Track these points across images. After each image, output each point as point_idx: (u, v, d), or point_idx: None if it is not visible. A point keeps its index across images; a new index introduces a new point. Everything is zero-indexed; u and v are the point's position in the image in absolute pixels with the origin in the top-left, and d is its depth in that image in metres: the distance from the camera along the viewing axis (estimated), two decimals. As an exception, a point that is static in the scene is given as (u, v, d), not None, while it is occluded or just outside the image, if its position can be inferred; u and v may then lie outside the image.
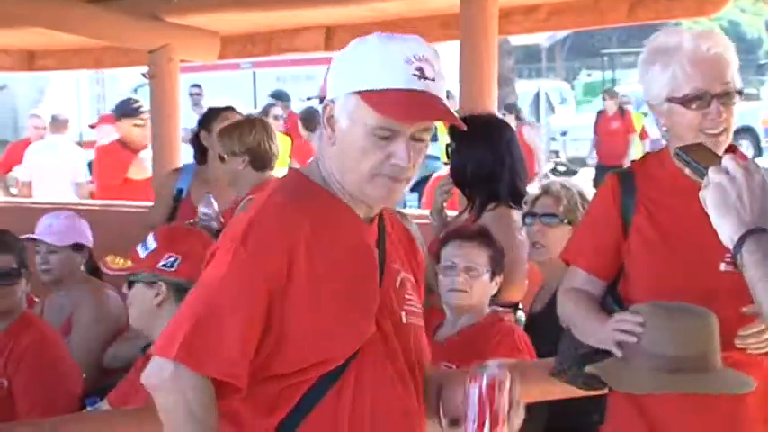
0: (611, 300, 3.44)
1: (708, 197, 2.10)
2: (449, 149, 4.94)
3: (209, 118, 5.93)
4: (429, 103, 2.44)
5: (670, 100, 3.09)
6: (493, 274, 4.34)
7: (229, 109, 6.02)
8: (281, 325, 2.48)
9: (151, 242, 3.57)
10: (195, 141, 5.95)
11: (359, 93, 2.42)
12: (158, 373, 2.44)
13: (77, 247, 5.00)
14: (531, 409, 3.85)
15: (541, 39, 34.79)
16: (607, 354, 3.22)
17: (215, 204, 5.27)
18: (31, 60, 9.00)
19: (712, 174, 2.11)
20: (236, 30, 7.31)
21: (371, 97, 2.43)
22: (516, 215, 4.81)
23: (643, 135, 19.14)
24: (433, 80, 2.46)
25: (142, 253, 3.58)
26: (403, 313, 2.64)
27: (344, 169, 2.52)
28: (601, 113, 19.55)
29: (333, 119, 2.50)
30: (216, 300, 2.47)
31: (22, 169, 11.41)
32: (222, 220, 5.15)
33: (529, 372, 3.91)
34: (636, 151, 17.48)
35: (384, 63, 2.46)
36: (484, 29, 5.97)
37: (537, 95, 28.33)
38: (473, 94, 6.00)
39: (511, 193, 4.87)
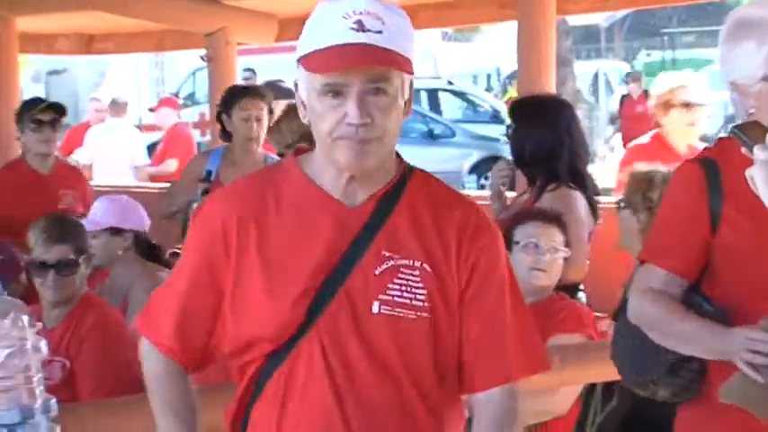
0: (700, 300, 3.13)
1: (755, 175, 2.06)
2: (508, 130, 4.96)
3: (228, 103, 5.96)
4: (361, 51, 2.35)
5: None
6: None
7: (249, 95, 6.01)
8: (229, 299, 2.52)
9: None
10: (219, 121, 6.02)
11: (300, 59, 2.39)
12: None
13: (116, 231, 5.02)
14: (615, 396, 3.85)
15: (600, 19, 34.56)
16: (697, 362, 3.02)
17: None
18: (89, 44, 9.08)
19: (757, 151, 2.06)
20: (293, 12, 7.31)
21: (308, 59, 2.40)
22: (577, 195, 4.82)
23: None
24: (380, 32, 2.37)
25: None
26: (376, 302, 2.51)
27: (317, 142, 2.48)
28: (626, 97, 19.44)
29: (300, 96, 2.49)
30: (173, 273, 2.64)
31: (83, 152, 11.54)
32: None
33: (590, 353, 3.94)
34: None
35: (321, 24, 2.42)
36: (542, 9, 5.95)
37: (596, 76, 28.14)
38: (531, 75, 5.99)
39: (571, 173, 4.86)
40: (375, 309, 2.48)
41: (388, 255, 2.49)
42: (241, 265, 2.51)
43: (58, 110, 6.25)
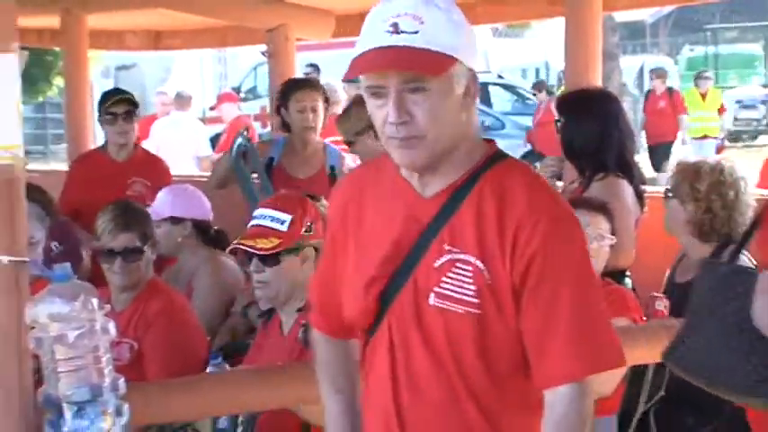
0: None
1: None
2: (558, 125, 4.99)
3: (285, 96, 6.04)
4: (389, 55, 2.36)
5: None
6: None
7: (304, 88, 6.09)
8: (340, 278, 2.65)
9: (280, 215, 3.68)
10: (278, 113, 6.10)
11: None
12: None
13: (176, 220, 5.09)
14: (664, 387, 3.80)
15: (646, 15, 34.69)
16: None
17: None
18: (156, 40, 9.18)
19: None
20: (350, 9, 7.35)
21: (352, 62, 2.44)
22: (625, 184, 4.83)
23: (721, 110, 19.10)
24: (416, 33, 2.37)
25: (281, 227, 3.70)
26: (432, 294, 2.49)
27: None
28: (650, 93, 19.44)
29: None
30: None
31: (149, 143, 11.70)
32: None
33: (634, 336, 3.92)
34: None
35: (366, 28, 2.44)
36: (589, 5, 5.95)
37: (641, 70, 28.36)
38: (578, 70, 5.97)
39: (618, 164, 4.88)
40: (431, 300, 2.48)
41: (447, 248, 2.47)
42: (345, 246, 2.60)
43: (131, 102, 6.34)
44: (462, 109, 2.45)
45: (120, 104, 6.20)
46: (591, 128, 4.92)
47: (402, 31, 2.38)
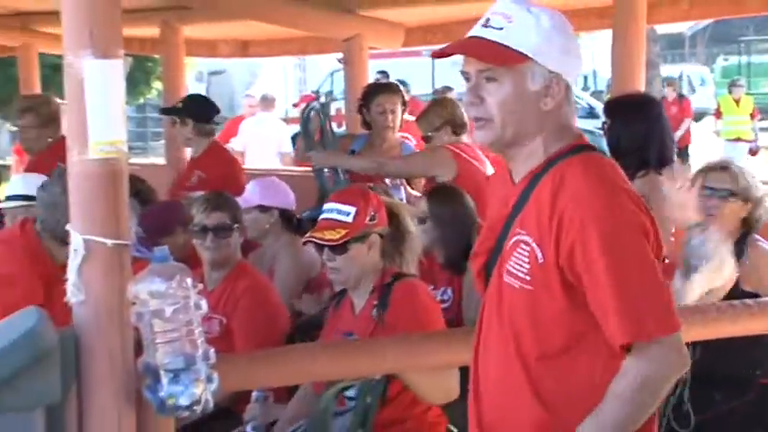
0: None
1: None
2: (604, 125, 4.97)
3: (367, 98, 6.08)
4: (466, 42, 2.45)
5: None
6: None
7: (384, 92, 6.12)
8: None
9: (346, 207, 3.69)
10: (360, 113, 6.15)
11: None
12: None
13: (263, 208, 5.11)
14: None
15: (684, 28, 34.38)
16: None
17: None
18: (245, 48, 9.24)
19: None
20: (418, 21, 7.34)
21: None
22: (663, 180, 4.80)
23: (753, 114, 18.95)
24: (500, 29, 2.40)
25: (347, 219, 3.71)
26: (504, 270, 2.50)
27: None
28: (663, 100, 19.50)
29: None
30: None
31: (237, 141, 11.86)
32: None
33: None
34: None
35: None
36: (634, 18, 5.92)
37: (679, 78, 28.32)
38: (624, 77, 5.97)
39: (659, 161, 4.83)
40: (504, 276, 2.50)
41: (518, 230, 2.47)
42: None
43: None
44: (537, 104, 2.43)
45: None
46: (635, 128, 4.87)
47: (490, 26, 2.41)
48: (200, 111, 6.45)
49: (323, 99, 6.64)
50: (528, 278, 2.41)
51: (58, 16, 2.95)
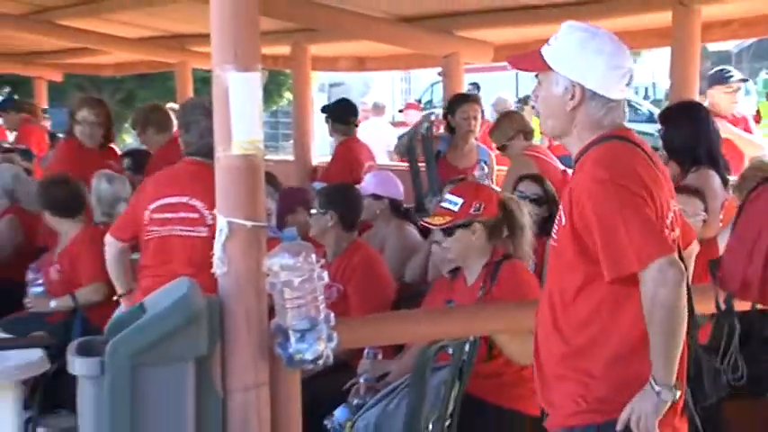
0: None
1: None
2: (660, 132, 4.91)
3: (452, 107, 6.04)
4: (524, 54, 2.65)
5: None
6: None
7: (468, 101, 6.06)
8: None
9: (455, 198, 3.66)
10: (446, 119, 6.11)
11: None
12: None
13: (377, 196, 5.10)
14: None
15: (731, 45, 33.39)
16: None
17: (486, 169, 5.61)
18: (361, 63, 9.19)
19: None
20: (505, 40, 7.22)
21: None
22: (713, 174, 4.68)
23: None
24: (549, 44, 2.53)
25: (454, 208, 3.68)
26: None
27: None
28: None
29: None
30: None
31: (354, 141, 11.82)
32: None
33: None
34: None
35: None
36: (690, 38, 5.74)
37: (729, 89, 27.50)
38: (680, 88, 5.81)
39: (709, 158, 4.71)
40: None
41: (561, 207, 2.56)
42: None
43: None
44: (562, 105, 2.49)
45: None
46: (684, 130, 4.76)
47: (548, 43, 2.53)
48: (337, 113, 7.04)
49: (432, 119, 6.66)
50: (556, 236, 2.52)
51: (208, 38, 2.97)
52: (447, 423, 3.39)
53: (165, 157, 5.14)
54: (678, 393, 2.34)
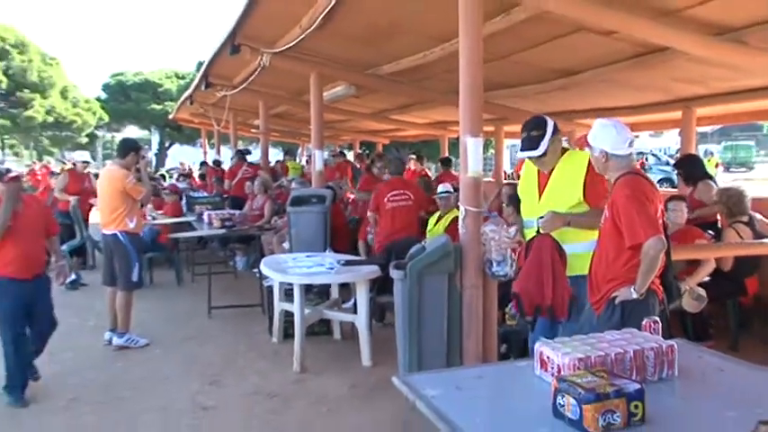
0: None
1: None
2: (672, 170, 6.56)
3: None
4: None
5: None
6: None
7: None
8: None
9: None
10: None
11: None
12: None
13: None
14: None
15: (708, 128, 33.71)
16: None
17: None
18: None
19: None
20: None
21: None
22: (711, 184, 6.73)
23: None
24: (590, 132, 3.53)
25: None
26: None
27: None
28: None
29: None
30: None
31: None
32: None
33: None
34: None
35: None
36: (690, 124, 8.37)
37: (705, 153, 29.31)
38: (685, 149, 8.50)
39: (700, 176, 6.82)
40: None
41: (606, 207, 3.62)
42: None
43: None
44: (599, 161, 3.57)
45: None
46: (689, 165, 6.81)
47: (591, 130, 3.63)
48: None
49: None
50: (603, 221, 3.54)
51: (457, 123, 4.26)
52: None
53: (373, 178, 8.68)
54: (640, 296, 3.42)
